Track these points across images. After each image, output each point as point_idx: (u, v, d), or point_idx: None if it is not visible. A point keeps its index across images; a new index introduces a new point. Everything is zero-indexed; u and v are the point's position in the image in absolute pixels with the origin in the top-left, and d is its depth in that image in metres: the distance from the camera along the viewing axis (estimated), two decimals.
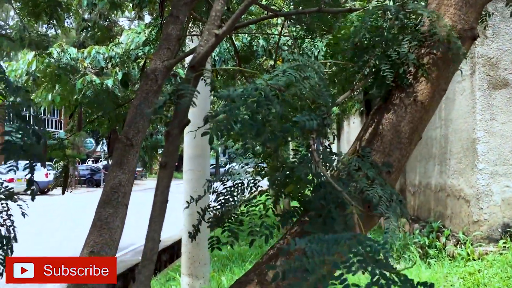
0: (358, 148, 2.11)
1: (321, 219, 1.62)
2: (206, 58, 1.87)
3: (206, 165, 8.33)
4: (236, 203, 1.90)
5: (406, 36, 2.19)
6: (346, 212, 1.60)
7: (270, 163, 1.91)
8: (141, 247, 7.69)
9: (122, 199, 2.57)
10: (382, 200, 1.80)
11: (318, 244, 1.25)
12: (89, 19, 11.43)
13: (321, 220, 1.62)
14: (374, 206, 1.76)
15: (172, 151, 1.81)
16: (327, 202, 1.64)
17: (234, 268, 9.05)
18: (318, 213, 1.66)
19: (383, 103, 2.23)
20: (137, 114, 2.76)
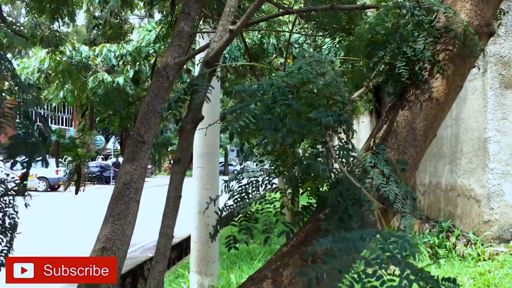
0: (372, 145, 2.09)
1: (337, 216, 1.61)
2: (220, 54, 1.86)
3: (215, 162, 8.33)
4: (250, 200, 1.89)
5: (421, 32, 2.16)
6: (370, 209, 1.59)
7: (287, 160, 1.90)
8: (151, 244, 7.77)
9: (134, 195, 2.58)
10: (398, 198, 1.79)
11: (343, 243, 1.24)
12: (100, 16, 11.49)
13: (338, 217, 1.61)
14: (391, 204, 1.75)
15: (186, 147, 1.81)
16: (344, 198, 1.63)
17: (242, 266, 9.06)
18: (334, 210, 1.65)
19: (398, 100, 2.21)
20: (149, 111, 2.77)
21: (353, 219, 1.59)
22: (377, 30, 2.14)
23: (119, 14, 11.23)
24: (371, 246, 1.26)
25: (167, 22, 7.41)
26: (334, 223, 1.60)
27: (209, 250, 7.82)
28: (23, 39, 6.69)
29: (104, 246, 2.43)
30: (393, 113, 2.17)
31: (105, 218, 2.49)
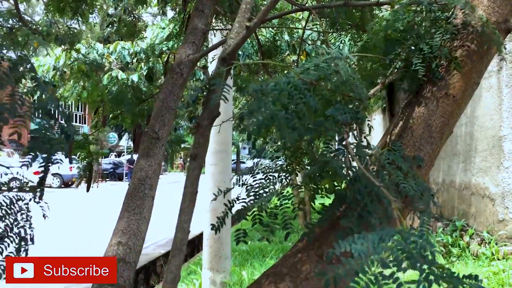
0: (388, 142, 2.09)
1: (356, 213, 1.61)
2: (236, 51, 1.87)
3: (228, 160, 8.36)
4: (269, 196, 1.90)
5: (438, 29, 2.15)
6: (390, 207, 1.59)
7: (301, 157, 1.90)
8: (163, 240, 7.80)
9: (148, 191, 2.60)
10: (417, 194, 1.78)
11: (362, 244, 1.24)
12: (114, 14, 11.56)
13: (357, 214, 1.61)
14: (411, 200, 1.74)
15: (202, 143, 1.82)
16: (362, 196, 1.63)
17: (254, 263, 9.09)
18: (353, 207, 1.65)
19: (414, 97, 2.20)
20: (163, 108, 2.78)
21: (372, 215, 1.58)
22: (394, 27, 2.13)
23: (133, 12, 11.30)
24: (390, 246, 1.26)
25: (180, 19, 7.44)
26: (353, 221, 1.60)
27: (222, 247, 7.85)
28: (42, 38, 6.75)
29: (120, 240, 2.46)
30: (409, 110, 2.17)
31: (121, 213, 2.52)
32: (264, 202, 1.86)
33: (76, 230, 13.16)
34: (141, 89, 7.49)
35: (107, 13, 11.80)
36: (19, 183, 2.44)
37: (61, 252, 9.68)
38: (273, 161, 1.97)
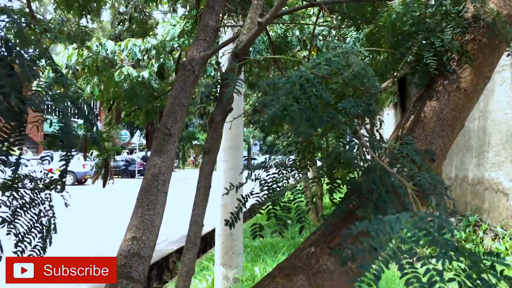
0: (400, 135, 2.09)
1: (372, 203, 1.63)
2: (249, 46, 1.89)
3: (239, 156, 8.39)
4: (282, 190, 1.91)
5: (449, 22, 2.15)
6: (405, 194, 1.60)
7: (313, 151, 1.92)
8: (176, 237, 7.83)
9: (162, 187, 2.63)
10: (431, 186, 1.79)
11: (380, 225, 1.25)
12: (125, 12, 11.61)
13: (372, 204, 1.62)
14: (426, 192, 1.75)
15: (215, 138, 1.84)
16: (377, 185, 1.64)
17: (266, 259, 9.12)
18: (368, 197, 1.66)
19: (425, 91, 2.20)
20: (175, 104, 2.81)
21: (388, 205, 1.60)
22: (404, 21, 2.13)
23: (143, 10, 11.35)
24: (407, 225, 1.27)
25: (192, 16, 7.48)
26: (369, 210, 1.61)
27: (234, 243, 7.89)
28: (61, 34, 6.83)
29: (134, 235, 2.49)
30: (421, 103, 2.17)
31: (135, 209, 2.56)
32: (278, 196, 1.88)
33: (89, 227, 13.30)
34: (152, 86, 7.53)
35: (118, 11, 11.87)
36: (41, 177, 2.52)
37: (74, 250, 9.80)
38: (286, 156, 1.99)
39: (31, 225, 2.53)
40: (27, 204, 2.47)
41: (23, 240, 2.53)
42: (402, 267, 1.17)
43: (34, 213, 2.53)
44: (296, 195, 1.94)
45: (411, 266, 1.17)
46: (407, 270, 1.16)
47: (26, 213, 2.49)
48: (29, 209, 2.48)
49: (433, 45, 2.10)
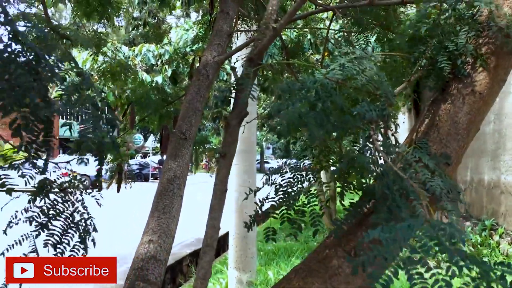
0: (414, 139, 2.09)
1: (385, 208, 1.63)
2: (264, 51, 1.91)
3: (252, 160, 8.40)
4: (296, 194, 1.93)
5: (463, 26, 2.15)
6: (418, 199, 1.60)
7: (328, 155, 1.93)
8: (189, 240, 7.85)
9: (177, 191, 2.66)
10: (443, 192, 1.79)
11: (391, 233, 1.26)
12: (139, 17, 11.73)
13: (386, 209, 1.63)
14: (437, 198, 1.75)
15: (231, 142, 1.87)
16: (390, 191, 1.65)
17: (280, 263, 9.11)
18: (382, 202, 1.67)
19: (440, 95, 2.20)
20: (190, 109, 2.85)
21: (402, 210, 1.60)
22: (419, 26, 2.14)
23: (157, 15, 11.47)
24: (418, 234, 1.28)
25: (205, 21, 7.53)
26: (383, 216, 1.62)
27: (247, 247, 7.89)
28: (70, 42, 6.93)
29: (150, 238, 2.52)
30: (435, 107, 2.17)
31: (151, 213, 2.59)
32: (292, 200, 1.90)
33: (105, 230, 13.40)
34: (166, 91, 7.60)
35: (132, 16, 12.00)
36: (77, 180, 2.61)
37: None
38: (301, 160, 2.01)
39: (66, 226, 2.60)
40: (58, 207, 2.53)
41: (61, 242, 2.60)
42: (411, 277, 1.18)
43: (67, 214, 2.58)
44: (310, 198, 1.96)
45: (420, 276, 1.18)
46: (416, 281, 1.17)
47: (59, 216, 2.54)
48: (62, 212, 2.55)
49: (447, 48, 2.10)
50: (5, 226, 2.55)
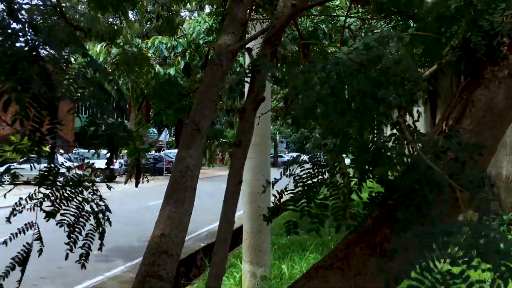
0: (444, 127, 1.94)
1: (413, 204, 1.49)
2: (282, 31, 1.78)
3: (266, 153, 8.30)
4: (317, 186, 1.80)
5: (499, 3, 1.98)
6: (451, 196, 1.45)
7: (350, 142, 1.79)
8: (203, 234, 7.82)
9: (190, 183, 2.56)
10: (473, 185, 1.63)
11: (426, 238, 1.12)
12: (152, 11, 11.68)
13: (414, 205, 1.48)
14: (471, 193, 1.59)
15: (247, 129, 1.74)
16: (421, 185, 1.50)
17: (294, 257, 9.02)
18: (410, 197, 1.52)
19: (473, 78, 2.04)
20: (203, 100, 2.74)
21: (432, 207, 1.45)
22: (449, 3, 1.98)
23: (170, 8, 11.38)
24: (458, 241, 1.13)
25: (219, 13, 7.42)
26: (411, 212, 1.47)
27: (261, 241, 7.82)
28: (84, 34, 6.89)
29: (162, 232, 2.43)
30: (468, 92, 2.01)
31: (162, 206, 2.49)
32: (313, 193, 1.77)
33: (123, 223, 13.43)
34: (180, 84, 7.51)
35: (146, 9, 11.93)
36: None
37: None
38: (321, 149, 1.87)
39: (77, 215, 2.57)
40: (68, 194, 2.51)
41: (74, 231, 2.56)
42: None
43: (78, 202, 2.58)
44: (332, 191, 1.83)
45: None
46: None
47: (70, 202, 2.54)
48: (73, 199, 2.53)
49: (481, 28, 1.93)
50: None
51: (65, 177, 2.53)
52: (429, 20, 2.08)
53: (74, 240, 2.63)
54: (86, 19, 7.92)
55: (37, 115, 1.52)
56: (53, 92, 1.44)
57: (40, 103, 1.46)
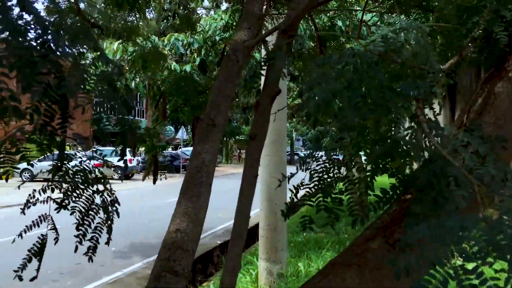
0: (465, 121, 1.89)
1: (430, 198, 1.44)
2: (298, 22, 1.75)
3: (282, 150, 8.26)
4: (333, 181, 1.76)
5: None
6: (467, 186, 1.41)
7: (368, 136, 1.75)
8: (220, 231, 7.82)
9: (205, 179, 2.55)
10: (495, 180, 1.58)
11: (441, 232, 1.08)
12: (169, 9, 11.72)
13: (431, 199, 1.44)
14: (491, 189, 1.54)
15: (262, 122, 1.72)
16: (437, 179, 1.46)
17: (310, 255, 8.97)
18: (426, 191, 1.48)
19: (495, 70, 1.97)
20: (219, 95, 2.72)
21: (449, 201, 1.41)
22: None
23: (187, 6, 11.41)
24: (474, 236, 1.09)
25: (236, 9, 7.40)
26: (426, 206, 1.43)
27: (277, 238, 7.80)
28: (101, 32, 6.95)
29: (178, 228, 2.42)
30: (490, 84, 1.95)
31: (178, 201, 2.48)
32: (329, 187, 1.73)
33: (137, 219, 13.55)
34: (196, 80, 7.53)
35: (163, 7, 11.98)
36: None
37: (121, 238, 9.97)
38: (338, 143, 1.83)
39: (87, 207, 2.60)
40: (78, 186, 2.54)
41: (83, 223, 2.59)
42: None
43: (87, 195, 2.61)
44: (348, 186, 1.79)
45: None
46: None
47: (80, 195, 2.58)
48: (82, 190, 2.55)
49: (504, 18, 1.87)
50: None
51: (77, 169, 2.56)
52: (449, 11, 2.02)
53: (83, 233, 2.66)
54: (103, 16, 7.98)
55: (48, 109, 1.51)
56: (64, 87, 1.43)
57: (51, 97, 1.46)
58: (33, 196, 2.55)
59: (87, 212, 2.63)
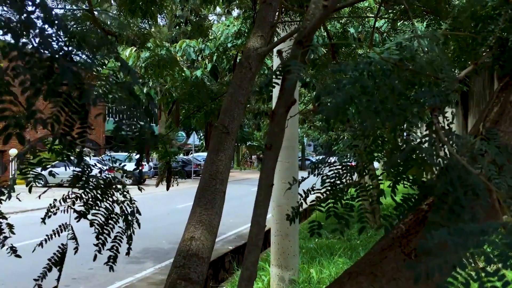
0: (481, 129, 1.88)
1: (447, 207, 1.44)
2: (313, 33, 1.76)
3: (294, 156, 8.27)
4: (345, 187, 1.77)
5: None
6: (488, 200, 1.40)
7: (382, 144, 1.76)
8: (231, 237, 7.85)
9: (220, 186, 2.56)
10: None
11: (460, 236, 1.08)
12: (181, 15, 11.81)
13: (447, 208, 1.44)
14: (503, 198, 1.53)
15: (278, 132, 1.73)
16: (454, 187, 1.45)
17: (322, 261, 8.94)
18: (443, 200, 1.48)
19: (511, 80, 1.97)
20: (232, 102, 2.74)
21: (466, 210, 1.41)
22: (485, 1, 1.92)
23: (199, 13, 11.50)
24: (494, 240, 1.09)
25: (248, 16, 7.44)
26: (443, 215, 1.43)
27: (289, 244, 7.79)
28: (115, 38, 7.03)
29: (192, 235, 2.44)
30: (506, 93, 1.94)
31: (193, 209, 2.50)
32: (340, 193, 1.74)
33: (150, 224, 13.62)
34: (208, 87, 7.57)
35: (175, 14, 12.09)
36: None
37: None
38: (351, 149, 1.84)
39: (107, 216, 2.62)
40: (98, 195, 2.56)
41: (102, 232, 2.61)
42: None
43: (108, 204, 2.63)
44: (360, 192, 1.79)
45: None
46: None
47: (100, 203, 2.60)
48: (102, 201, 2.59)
49: None
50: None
51: (97, 179, 2.57)
52: (464, 19, 2.02)
53: (103, 242, 2.67)
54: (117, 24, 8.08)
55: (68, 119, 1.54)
56: (85, 98, 1.46)
57: (71, 107, 1.48)
58: (53, 205, 2.57)
59: (106, 221, 2.65)
